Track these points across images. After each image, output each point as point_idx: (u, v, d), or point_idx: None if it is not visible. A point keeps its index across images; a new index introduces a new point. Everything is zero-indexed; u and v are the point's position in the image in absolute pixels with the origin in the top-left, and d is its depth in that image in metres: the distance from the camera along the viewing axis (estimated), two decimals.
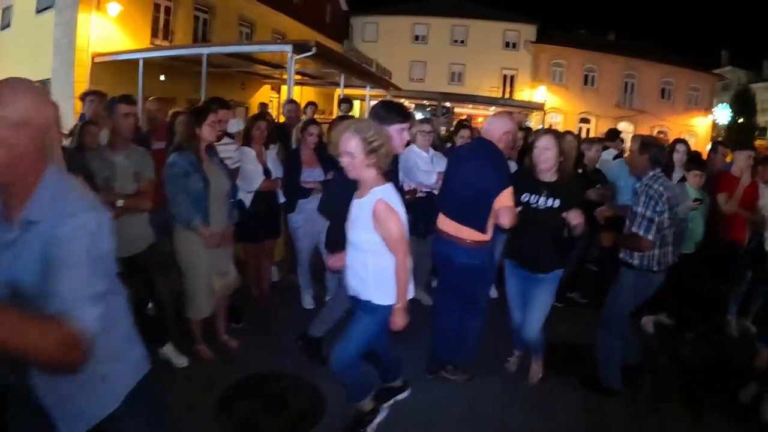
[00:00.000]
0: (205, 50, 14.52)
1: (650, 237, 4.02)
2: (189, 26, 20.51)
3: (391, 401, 4.00)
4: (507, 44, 38.49)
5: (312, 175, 5.48)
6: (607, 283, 4.85)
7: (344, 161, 3.12)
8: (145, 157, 4.29)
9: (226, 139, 5.22)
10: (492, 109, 32.15)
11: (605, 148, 7.88)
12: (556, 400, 4.43)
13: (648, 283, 4.36)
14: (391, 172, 3.46)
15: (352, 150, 3.07)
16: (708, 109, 40.01)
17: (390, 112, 3.80)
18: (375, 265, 3.25)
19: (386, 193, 3.17)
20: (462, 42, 38.77)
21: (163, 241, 4.48)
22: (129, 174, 4.16)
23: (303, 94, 23.09)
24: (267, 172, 5.39)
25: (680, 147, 6.27)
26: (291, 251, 6.34)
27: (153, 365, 2.16)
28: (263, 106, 14.22)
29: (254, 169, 5.29)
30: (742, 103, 43.85)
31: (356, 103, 23.33)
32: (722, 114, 41.74)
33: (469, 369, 4.60)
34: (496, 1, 38.48)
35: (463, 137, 6.48)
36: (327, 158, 5.20)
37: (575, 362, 5.12)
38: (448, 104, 34.52)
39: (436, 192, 5.37)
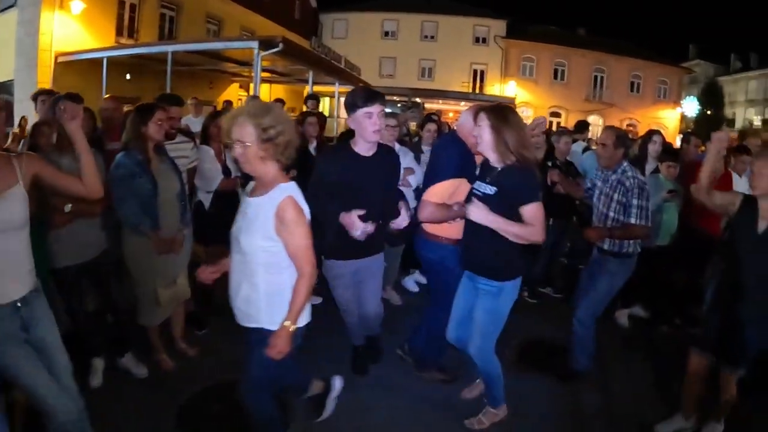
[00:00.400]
0: (170, 48, 14.43)
1: (649, 224, 4.22)
2: (155, 24, 20.39)
3: (328, 406, 3.68)
4: (477, 39, 38.93)
5: None
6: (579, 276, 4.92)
7: (236, 151, 2.72)
8: (96, 159, 3.82)
9: (180, 138, 4.99)
10: (462, 105, 32.43)
11: (575, 140, 7.90)
12: (528, 399, 4.30)
13: (629, 269, 4.49)
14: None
15: (244, 138, 2.65)
16: (676, 101, 40.95)
17: (354, 96, 3.64)
18: (268, 282, 2.76)
19: (293, 190, 2.74)
20: (432, 38, 39.04)
21: (118, 246, 4.27)
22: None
23: (272, 92, 23.10)
24: (227, 171, 5.21)
25: (656, 138, 6.38)
26: None
27: (112, 376, 2.14)
28: (228, 103, 14.21)
29: (213, 169, 5.12)
30: (710, 96, 44.92)
31: (326, 100, 23.47)
32: (690, 106, 42.61)
33: (447, 369, 4.52)
34: None
35: (429, 131, 6.52)
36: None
37: (552, 359, 5.00)
38: (418, 100, 34.71)
39: (403, 188, 5.03)
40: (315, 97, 9.45)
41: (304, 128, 6.19)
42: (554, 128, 27.20)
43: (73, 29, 16.29)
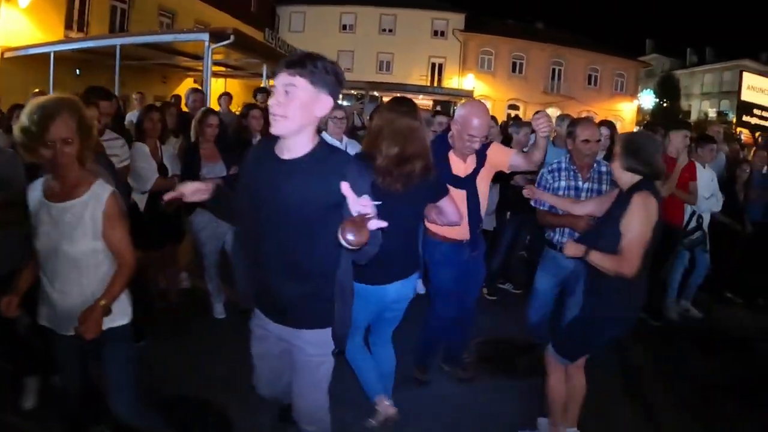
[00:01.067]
0: (117, 41, 14.34)
1: None
2: (105, 17, 20.22)
3: None
4: (435, 33, 39.43)
5: (213, 170, 4.96)
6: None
7: (65, 150, 2.46)
8: (13, 161, 3.58)
9: (108, 134, 4.62)
10: (421, 98, 32.93)
11: (533, 131, 7.97)
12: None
13: None
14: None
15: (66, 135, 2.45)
16: (633, 94, 42.12)
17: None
18: (106, 281, 2.64)
19: (107, 184, 2.66)
20: (390, 31, 39.40)
21: None
22: None
23: (228, 87, 23.04)
24: (163, 170, 4.95)
25: (603, 131, 6.14)
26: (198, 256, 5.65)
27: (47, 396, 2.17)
28: (176, 98, 14.06)
29: (147, 167, 4.83)
30: (666, 89, 46.33)
31: None
32: (647, 99, 43.82)
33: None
34: None
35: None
36: (230, 151, 5.09)
37: (518, 358, 4.89)
38: (376, 93, 34.97)
39: None
40: (265, 91, 9.32)
41: (248, 122, 5.92)
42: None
43: (20, 23, 16.02)
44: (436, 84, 38.63)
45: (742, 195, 7.07)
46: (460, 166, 3.78)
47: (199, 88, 7.61)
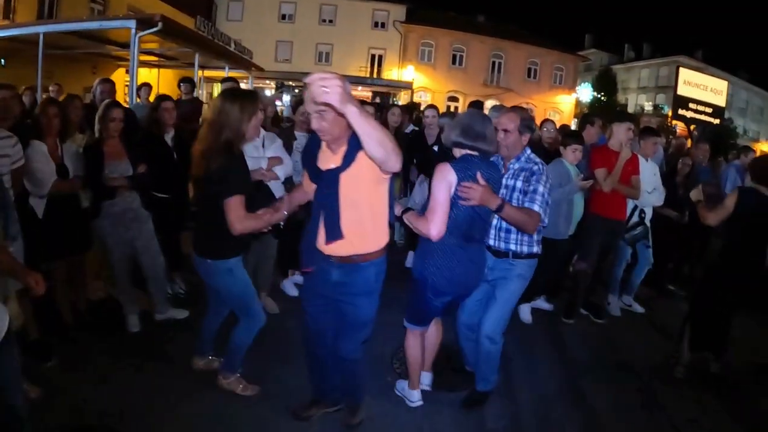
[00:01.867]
0: (41, 29, 13.86)
1: (546, 215, 3.77)
2: (33, 4, 20.02)
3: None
4: (376, 24, 39.78)
5: (117, 169, 4.60)
6: None
7: None
8: None
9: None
10: (360, 89, 33.36)
11: None
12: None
13: (533, 270, 4.14)
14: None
15: None
16: (572, 87, 43.53)
17: None
18: None
19: None
20: (330, 21, 39.44)
21: None
22: None
23: (161, 78, 23.00)
24: (63, 171, 4.48)
25: (548, 125, 6.46)
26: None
27: None
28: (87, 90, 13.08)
29: (44, 169, 4.35)
30: (604, 83, 47.82)
31: (218, 86, 23.40)
32: (585, 92, 45.19)
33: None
34: None
35: (302, 114, 5.80)
36: (136, 148, 4.80)
37: (442, 364, 4.54)
38: None
39: (266, 181, 4.90)
40: (190, 81, 9.13)
41: (159, 114, 5.35)
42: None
43: None
44: (375, 75, 39.09)
45: (682, 188, 7.01)
46: (327, 158, 3.22)
47: (110, 78, 6.99)
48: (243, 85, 24.13)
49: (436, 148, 6.42)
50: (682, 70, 49.37)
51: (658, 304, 7.04)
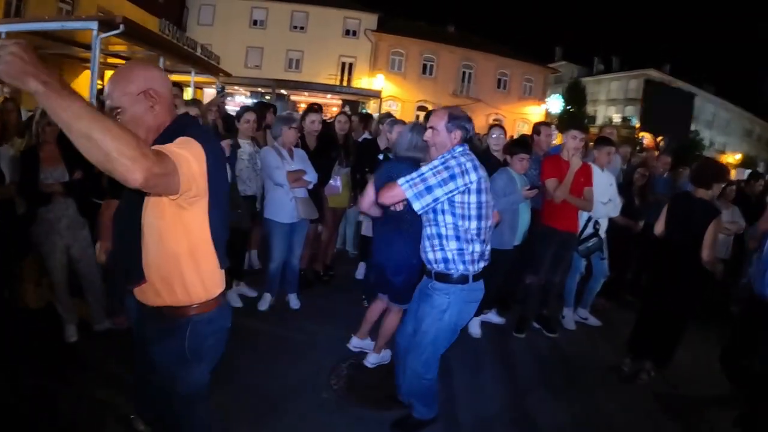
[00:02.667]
0: (3, 28, 13.31)
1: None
2: None
3: None
4: (347, 32, 40.11)
5: (52, 175, 4.47)
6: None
7: None
8: None
9: None
10: (329, 97, 33.76)
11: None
12: None
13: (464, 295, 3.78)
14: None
15: None
16: (541, 99, 44.30)
17: None
18: None
19: None
20: (301, 28, 39.64)
21: None
22: None
23: None
24: None
25: (495, 131, 6.23)
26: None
27: None
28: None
29: None
30: (574, 94, 48.76)
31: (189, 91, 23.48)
32: (555, 103, 45.99)
33: None
34: None
35: (248, 121, 5.91)
36: (74, 154, 4.65)
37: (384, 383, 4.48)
38: (284, 91, 35.44)
39: None
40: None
41: None
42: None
43: None
44: (345, 83, 39.38)
45: (639, 199, 7.08)
46: None
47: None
48: (209, 90, 24.31)
49: (381, 156, 6.43)
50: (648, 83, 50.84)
51: (615, 316, 7.00)
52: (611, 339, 6.29)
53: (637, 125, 49.57)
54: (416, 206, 3.32)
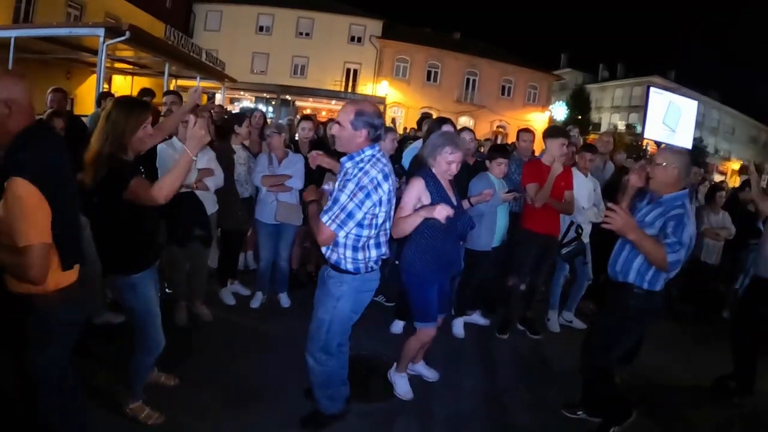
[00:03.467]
0: (12, 33, 13.98)
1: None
2: (9, 7, 20.20)
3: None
4: (352, 38, 40.51)
5: None
6: None
7: None
8: None
9: None
10: (333, 103, 34.07)
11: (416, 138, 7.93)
12: None
13: (353, 288, 3.70)
14: None
15: None
16: (545, 105, 44.48)
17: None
18: None
19: None
20: (307, 35, 40.05)
21: None
22: None
23: (135, 85, 23.27)
24: None
25: (465, 134, 5.99)
26: None
27: None
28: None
29: None
30: (578, 101, 49.07)
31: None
32: (559, 111, 46.18)
33: None
34: None
35: (243, 129, 6.05)
36: (80, 156, 4.52)
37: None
38: (288, 97, 35.63)
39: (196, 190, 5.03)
40: (150, 92, 8.05)
41: None
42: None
43: None
44: (350, 90, 39.62)
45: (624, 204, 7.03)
46: None
47: (61, 88, 6.94)
48: (218, 96, 24.46)
49: None
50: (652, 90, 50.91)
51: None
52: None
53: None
54: (341, 234, 3.34)
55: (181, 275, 5.40)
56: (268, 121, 8.33)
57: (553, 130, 6.13)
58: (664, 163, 3.81)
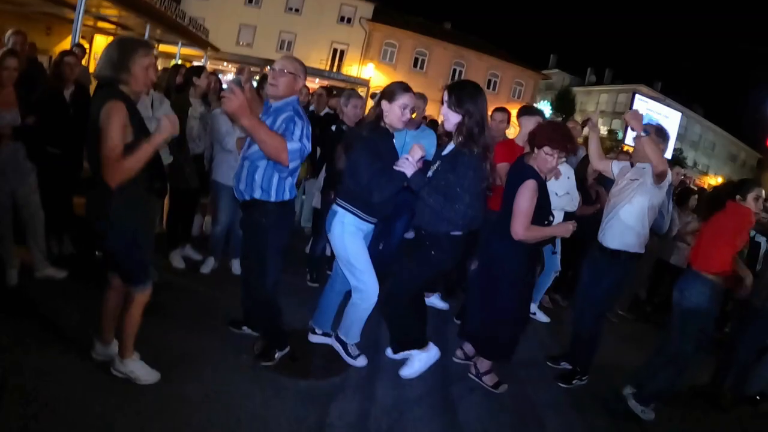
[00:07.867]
0: None
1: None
2: None
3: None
4: (342, 18, 40.44)
5: (5, 118, 4.46)
6: None
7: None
8: None
9: None
10: (317, 81, 34.01)
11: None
12: None
13: None
14: None
15: None
16: (530, 103, 44.46)
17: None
18: None
19: None
20: (297, 11, 39.84)
21: None
22: None
23: None
24: None
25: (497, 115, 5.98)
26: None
27: None
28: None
29: None
30: (563, 102, 49.36)
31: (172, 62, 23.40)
32: (543, 110, 46.40)
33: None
34: None
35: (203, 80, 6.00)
36: (33, 99, 4.78)
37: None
38: None
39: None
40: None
41: (60, 68, 5.27)
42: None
43: None
44: (335, 69, 39.68)
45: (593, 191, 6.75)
46: None
47: (22, 30, 6.42)
48: (197, 64, 24.28)
49: (333, 127, 6.23)
50: (637, 97, 51.40)
51: (566, 314, 6.78)
52: (557, 336, 6.18)
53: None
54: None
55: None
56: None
57: (529, 109, 5.94)
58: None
